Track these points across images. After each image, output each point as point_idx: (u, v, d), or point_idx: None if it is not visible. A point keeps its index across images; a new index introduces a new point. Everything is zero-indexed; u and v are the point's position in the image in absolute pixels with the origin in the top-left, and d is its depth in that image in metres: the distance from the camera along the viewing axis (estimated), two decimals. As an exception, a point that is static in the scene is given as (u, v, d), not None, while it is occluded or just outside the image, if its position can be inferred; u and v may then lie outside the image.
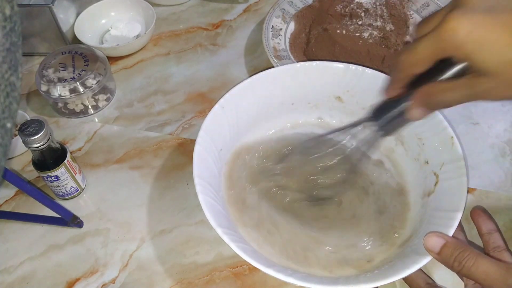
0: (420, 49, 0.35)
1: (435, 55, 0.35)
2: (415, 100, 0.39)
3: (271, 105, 0.58)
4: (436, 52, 0.34)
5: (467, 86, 0.34)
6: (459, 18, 0.32)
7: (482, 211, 0.51)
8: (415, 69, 0.37)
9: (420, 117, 0.40)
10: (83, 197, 0.60)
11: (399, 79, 0.39)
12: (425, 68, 0.36)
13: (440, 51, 0.34)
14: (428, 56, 0.35)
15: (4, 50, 0.24)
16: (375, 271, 0.45)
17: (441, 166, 0.51)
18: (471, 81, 0.34)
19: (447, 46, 0.33)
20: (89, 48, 0.69)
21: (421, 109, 0.39)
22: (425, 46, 0.35)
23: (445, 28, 0.32)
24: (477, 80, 0.33)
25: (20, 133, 0.50)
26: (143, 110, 0.70)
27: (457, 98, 0.35)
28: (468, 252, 0.40)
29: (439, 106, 0.38)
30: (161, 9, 0.83)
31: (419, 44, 0.35)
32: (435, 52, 0.34)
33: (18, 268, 0.55)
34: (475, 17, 0.32)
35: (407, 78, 0.38)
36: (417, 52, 0.36)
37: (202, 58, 0.76)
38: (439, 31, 0.33)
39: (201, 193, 0.46)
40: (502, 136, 0.64)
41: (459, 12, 0.32)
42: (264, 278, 0.52)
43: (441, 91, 0.36)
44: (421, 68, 0.36)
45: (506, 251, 0.46)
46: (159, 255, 0.55)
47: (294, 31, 0.74)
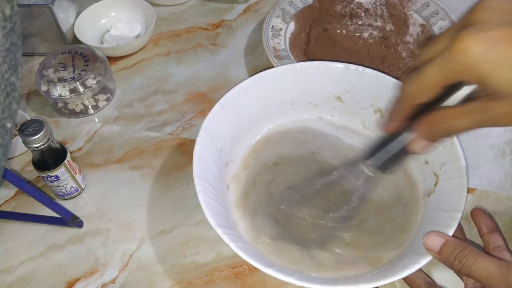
0: (427, 75, 0.32)
1: (444, 81, 0.31)
2: (418, 132, 0.36)
3: (271, 105, 0.58)
4: (445, 77, 0.31)
5: (479, 111, 0.31)
6: (471, 36, 0.29)
7: (482, 210, 0.51)
8: (420, 98, 0.34)
9: (424, 150, 0.37)
10: (83, 197, 0.60)
11: (402, 110, 0.36)
12: (431, 97, 0.33)
13: (450, 75, 0.31)
14: (436, 83, 0.31)
15: (4, 50, 0.24)
16: (375, 271, 0.45)
17: (441, 166, 0.51)
18: (485, 106, 0.31)
19: (459, 70, 0.30)
20: (89, 48, 0.69)
21: (425, 141, 0.36)
22: (432, 71, 0.31)
23: (456, 50, 0.29)
24: (492, 104, 0.30)
25: (20, 133, 0.50)
26: (143, 110, 0.70)
27: (467, 125, 0.32)
28: (468, 250, 0.40)
29: (445, 135, 0.35)
30: (161, 9, 0.83)
31: (426, 70, 0.32)
32: (445, 78, 0.31)
33: (18, 268, 0.55)
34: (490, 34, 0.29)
35: (411, 108, 0.35)
36: (423, 79, 0.32)
37: (202, 58, 0.76)
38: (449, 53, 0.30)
39: (201, 193, 0.46)
40: (502, 136, 0.64)
41: (471, 30, 0.29)
42: (264, 278, 0.52)
43: (448, 119, 0.33)
44: (428, 96, 0.33)
45: (506, 251, 0.46)
46: (159, 255, 0.55)
47: (294, 31, 0.74)
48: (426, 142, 0.36)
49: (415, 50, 0.70)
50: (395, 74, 0.67)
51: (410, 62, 0.68)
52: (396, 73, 0.67)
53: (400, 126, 0.38)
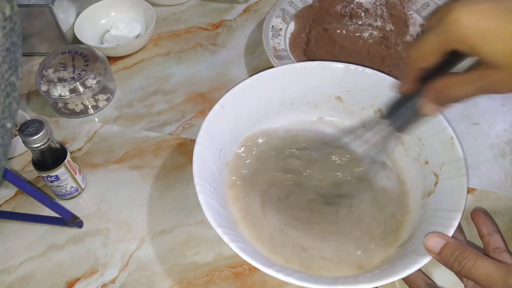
0: (426, 42, 0.34)
1: (440, 48, 0.34)
2: (427, 96, 0.38)
3: (271, 105, 0.58)
4: (441, 45, 0.33)
5: (478, 79, 0.33)
6: (462, 8, 0.31)
7: (482, 212, 0.51)
8: (422, 63, 0.36)
9: (433, 113, 0.39)
10: (83, 197, 0.60)
11: (409, 74, 0.39)
12: (433, 62, 0.36)
13: (445, 44, 0.33)
14: (434, 50, 0.34)
15: (4, 50, 0.24)
16: (375, 271, 0.45)
17: (441, 166, 0.51)
18: (482, 74, 0.33)
19: (451, 39, 0.32)
20: (89, 48, 0.69)
21: (434, 105, 0.38)
22: (429, 39, 0.34)
23: (448, 20, 0.31)
24: (487, 73, 0.32)
25: (20, 133, 0.50)
26: (143, 110, 0.70)
27: (469, 91, 0.35)
28: (468, 252, 0.40)
29: (451, 101, 0.37)
30: (161, 9, 0.83)
31: (425, 38, 0.34)
32: (440, 45, 0.33)
33: (18, 268, 0.55)
34: (480, 6, 0.31)
35: (416, 72, 0.38)
36: (422, 46, 0.35)
37: (202, 58, 0.76)
38: (442, 23, 0.32)
39: (201, 193, 0.46)
40: (502, 136, 0.64)
41: (462, 2, 0.31)
42: (264, 278, 0.52)
43: (452, 85, 0.35)
44: (428, 62, 0.36)
45: (506, 252, 0.46)
46: (159, 255, 0.55)
47: (294, 31, 0.74)
48: (436, 106, 0.38)
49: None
50: (395, 74, 0.67)
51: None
52: (396, 73, 0.67)
53: (412, 88, 0.40)
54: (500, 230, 0.49)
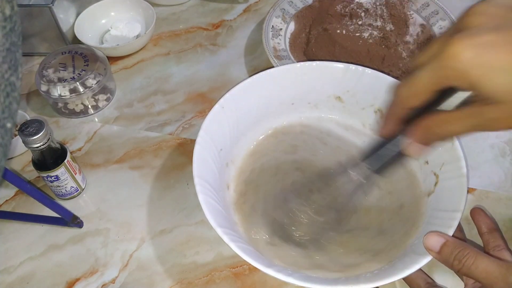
0: (419, 79, 0.32)
1: (436, 85, 0.31)
2: (413, 136, 0.36)
3: (271, 105, 0.58)
4: (437, 82, 0.31)
5: (472, 116, 0.31)
6: (462, 41, 0.28)
7: (482, 210, 0.51)
8: (413, 101, 0.34)
9: (419, 154, 0.37)
10: (83, 197, 0.60)
11: (395, 114, 0.36)
12: (424, 100, 0.33)
13: (441, 80, 0.30)
14: (428, 87, 0.31)
15: (4, 50, 0.24)
16: (375, 271, 0.45)
17: (441, 166, 0.50)
18: (478, 111, 0.30)
19: (450, 74, 0.29)
20: (89, 48, 0.69)
21: (420, 145, 0.36)
22: (424, 76, 0.31)
23: (446, 54, 0.29)
24: (485, 109, 0.30)
25: (20, 133, 0.50)
26: (143, 110, 0.70)
27: (460, 129, 0.32)
28: (468, 250, 0.40)
29: (439, 139, 0.35)
30: (161, 9, 0.83)
31: (418, 75, 0.32)
32: (436, 82, 0.31)
33: (18, 268, 0.55)
34: (481, 39, 0.28)
35: (404, 112, 0.35)
36: (415, 83, 0.32)
37: (202, 58, 0.76)
38: (440, 58, 0.29)
39: (201, 193, 0.46)
40: (502, 136, 0.64)
41: (462, 35, 0.29)
42: (264, 278, 0.52)
43: (442, 123, 0.33)
44: (420, 101, 0.33)
45: (506, 250, 0.46)
46: (159, 255, 0.55)
47: (294, 31, 0.74)
48: (421, 146, 0.36)
49: (415, 50, 0.70)
50: (395, 74, 0.67)
51: (410, 62, 0.68)
52: (396, 73, 0.67)
53: (395, 130, 0.38)
54: (499, 228, 0.49)
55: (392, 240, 0.50)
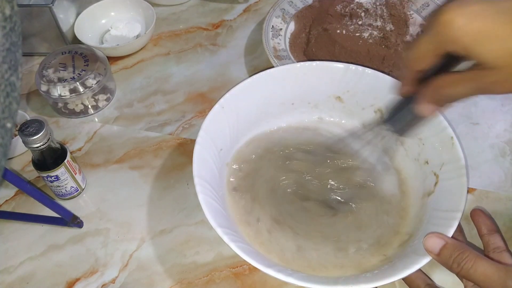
0: (420, 45, 0.34)
1: (435, 51, 0.34)
2: (423, 96, 0.38)
3: (271, 105, 0.58)
4: (435, 48, 0.33)
5: (473, 79, 0.33)
6: (454, 10, 0.31)
7: (482, 211, 0.51)
8: (419, 65, 0.36)
9: (430, 113, 0.39)
10: (83, 197, 0.60)
11: (408, 76, 0.39)
12: (430, 64, 0.36)
13: (438, 46, 0.33)
14: (429, 52, 0.34)
15: (4, 50, 0.24)
16: (375, 271, 0.45)
17: (441, 166, 0.51)
18: (477, 74, 0.33)
19: (444, 40, 0.32)
20: (89, 48, 0.69)
21: (430, 105, 0.38)
22: (424, 42, 0.34)
23: (440, 22, 0.31)
24: (483, 73, 0.32)
25: (20, 133, 0.50)
26: (143, 110, 0.70)
27: (464, 91, 0.34)
28: (467, 253, 0.40)
29: (448, 100, 0.37)
30: (161, 9, 0.83)
31: (419, 40, 0.34)
32: (435, 48, 0.33)
33: (18, 268, 0.55)
34: (472, 8, 0.31)
35: (414, 74, 0.38)
36: (418, 49, 0.35)
37: (202, 58, 0.76)
38: (435, 25, 0.32)
39: (201, 193, 0.46)
40: (502, 136, 0.64)
41: (454, 4, 0.31)
42: (264, 278, 0.52)
43: (448, 84, 0.35)
44: (425, 64, 0.36)
45: (506, 252, 0.46)
46: (159, 255, 0.55)
47: (294, 31, 0.74)
48: (433, 106, 0.38)
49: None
50: (395, 74, 0.67)
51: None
52: (396, 73, 0.67)
53: (411, 90, 0.40)
54: (499, 230, 0.49)
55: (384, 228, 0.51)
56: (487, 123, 0.66)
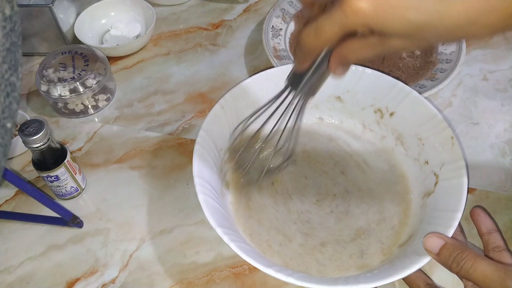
0: (324, 31, 0.34)
1: (340, 33, 0.33)
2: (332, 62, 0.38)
3: (272, 105, 0.58)
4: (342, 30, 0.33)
5: (378, 44, 0.34)
6: None
7: (481, 210, 0.50)
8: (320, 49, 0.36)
9: (342, 74, 0.39)
10: (83, 197, 0.60)
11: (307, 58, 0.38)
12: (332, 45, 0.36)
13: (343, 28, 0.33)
14: (335, 36, 0.34)
15: (4, 50, 0.24)
16: (375, 271, 0.45)
17: (441, 166, 0.51)
18: (382, 41, 0.33)
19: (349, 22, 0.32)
20: (89, 48, 0.69)
21: (340, 67, 0.38)
22: (330, 26, 0.33)
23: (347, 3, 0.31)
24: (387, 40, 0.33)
25: (20, 133, 0.50)
26: (143, 110, 0.70)
27: (370, 54, 0.35)
28: (466, 253, 0.40)
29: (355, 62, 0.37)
30: (161, 9, 0.83)
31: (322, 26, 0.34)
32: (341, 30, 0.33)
33: (18, 268, 0.55)
34: None
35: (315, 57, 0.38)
36: (321, 34, 0.34)
37: (202, 58, 0.76)
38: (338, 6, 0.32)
39: (201, 192, 0.46)
40: (502, 136, 0.64)
41: None
42: (264, 278, 0.52)
43: (353, 51, 0.35)
44: (326, 47, 0.36)
45: (506, 251, 0.46)
46: (159, 255, 0.55)
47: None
48: (342, 67, 0.38)
49: (415, 50, 0.70)
50: (395, 74, 0.67)
51: (410, 62, 0.68)
52: (396, 73, 0.67)
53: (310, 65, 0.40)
54: (499, 229, 0.49)
55: None
56: (487, 123, 0.66)
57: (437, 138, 0.52)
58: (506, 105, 0.68)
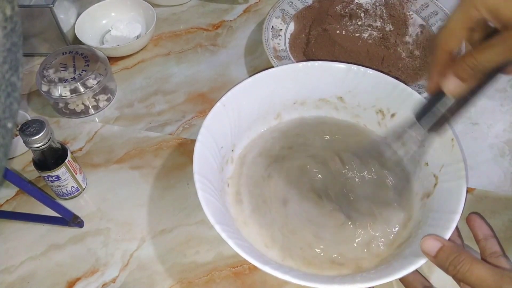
0: (452, 18, 0.36)
1: (467, 21, 0.35)
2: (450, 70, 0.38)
3: (273, 104, 0.58)
4: (466, 16, 0.35)
5: (500, 42, 0.34)
6: None
7: (478, 216, 0.50)
8: (452, 42, 0.37)
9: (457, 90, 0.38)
10: (84, 197, 0.60)
11: (438, 61, 0.39)
12: (461, 40, 0.37)
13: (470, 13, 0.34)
14: (461, 23, 0.36)
15: (5, 50, 0.24)
16: (372, 271, 0.45)
17: (440, 168, 0.50)
18: (503, 36, 0.34)
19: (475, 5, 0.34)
20: (89, 48, 0.70)
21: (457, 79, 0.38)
22: (455, 14, 0.36)
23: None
24: (508, 34, 0.33)
25: (21, 133, 0.50)
26: (144, 110, 0.70)
27: (492, 57, 0.35)
28: (463, 256, 0.40)
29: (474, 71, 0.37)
30: (162, 10, 0.84)
31: (451, 16, 0.36)
32: (466, 16, 0.35)
33: (18, 267, 0.55)
34: None
35: (445, 57, 0.38)
36: (450, 23, 0.36)
37: (203, 59, 0.76)
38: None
39: (200, 190, 0.46)
40: (501, 136, 0.64)
41: None
42: (264, 278, 0.53)
43: (475, 53, 0.36)
44: (457, 40, 0.37)
45: (503, 257, 0.45)
46: (159, 255, 0.55)
47: (294, 32, 0.75)
48: (457, 80, 0.38)
49: (415, 50, 0.70)
50: (395, 74, 0.67)
51: (409, 62, 0.69)
52: (395, 73, 0.67)
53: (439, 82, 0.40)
54: (496, 235, 0.48)
55: None
56: (486, 123, 0.66)
57: (438, 140, 0.52)
58: (505, 105, 0.68)
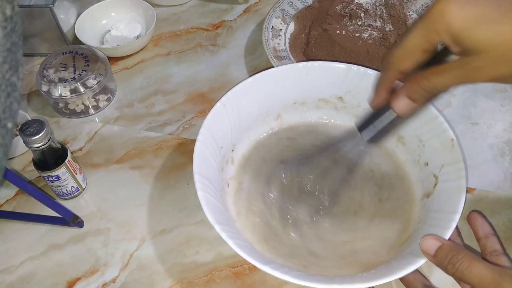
0: (411, 38, 0.34)
1: (426, 43, 0.34)
2: (401, 90, 0.37)
3: (273, 104, 0.58)
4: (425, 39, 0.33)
5: (458, 67, 0.33)
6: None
7: (478, 215, 0.50)
8: (405, 63, 0.36)
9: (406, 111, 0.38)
10: (84, 197, 0.60)
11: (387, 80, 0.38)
12: (416, 61, 0.35)
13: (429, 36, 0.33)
14: (418, 45, 0.34)
15: (5, 50, 0.24)
16: (371, 271, 0.45)
17: (440, 168, 0.50)
18: (461, 61, 0.33)
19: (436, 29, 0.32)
20: (89, 48, 0.70)
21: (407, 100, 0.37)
22: (414, 35, 0.34)
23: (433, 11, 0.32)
24: (468, 60, 0.33)
25: (21, 133, 0.50)
26: (144, 110, 0.70)
27: (447, 81, 0.34)
28: (462, 255, 0.40)
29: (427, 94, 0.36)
30: (162, 10, 0.84)
31: (409, 34, 0.34)
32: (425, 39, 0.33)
33: (18, 267, 0.55)
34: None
35: (396, 77, 0.37)
36: (406, 44, 0.35)
37: (203, 59, 0.76)
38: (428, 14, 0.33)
39: (200, 189, 0.46)
40: (501, 136, 0.64)
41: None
42: (264, 278, 0.53)
43: (429, 75, 0.35)
44: (412, 61, 0.36)
45: (503, 255, 0.45)
46: (159, 255, 0.55)
47: (294, 32, 0.75)
48: (408, 101, 0.37)
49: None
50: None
51: None
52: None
53: (386, 100, 0.40)
54: (496, 233, 0.48)
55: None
56: (486, 123, 0.66)
57: (438, 140, 0.52)
58: (505, 105, 0.68)
